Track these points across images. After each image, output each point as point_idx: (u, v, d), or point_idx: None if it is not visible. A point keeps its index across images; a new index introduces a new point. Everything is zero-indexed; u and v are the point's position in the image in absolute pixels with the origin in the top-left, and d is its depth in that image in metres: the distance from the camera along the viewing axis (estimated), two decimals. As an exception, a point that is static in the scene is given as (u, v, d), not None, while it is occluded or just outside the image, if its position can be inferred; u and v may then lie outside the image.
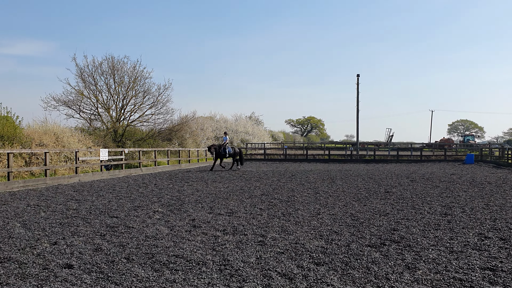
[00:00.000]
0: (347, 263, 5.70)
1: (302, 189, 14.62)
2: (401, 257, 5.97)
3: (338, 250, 6.35)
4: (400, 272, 5.30)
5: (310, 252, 6.25)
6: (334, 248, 6.50)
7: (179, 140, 36.06)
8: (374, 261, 5.77)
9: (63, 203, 11.10)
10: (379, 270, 5.39)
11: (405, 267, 5.53)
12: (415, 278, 5.06)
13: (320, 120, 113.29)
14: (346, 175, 20.87)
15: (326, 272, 5.32)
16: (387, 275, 5.19)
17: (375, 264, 5.63)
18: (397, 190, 14.37)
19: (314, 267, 5.53)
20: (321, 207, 10.56)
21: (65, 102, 31.15)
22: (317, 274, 5.21)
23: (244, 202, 11.37)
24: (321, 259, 5.86)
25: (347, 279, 5.07)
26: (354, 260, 5.84)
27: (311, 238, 7.14)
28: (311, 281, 4.99)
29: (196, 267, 5.52)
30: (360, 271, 5.37)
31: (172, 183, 16.82)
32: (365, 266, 5.57)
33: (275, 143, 62.47)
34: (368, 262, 5.72)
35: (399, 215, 9.37)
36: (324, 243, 6.82)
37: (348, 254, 6.15)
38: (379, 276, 5.16)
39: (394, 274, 5.24)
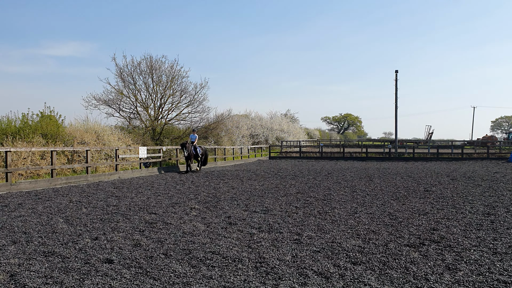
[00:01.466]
0: (385, 262, 5.60)
1: (338, 187, 14.46)
2: (441, 258, 5.81)
3: (376, 250, 6.25)
4: (440, 273, 5.16)
5: (347, 251, 6.18)
6: (372, 247, 6.40)
7: (214, 138, 36.42)
8: (413, 261, 5.64)
9: (103, 199, 11.43)
10: (418, 270, 5.27)
11: (446, 267, 5.38)
12: (456, 280, 4.92)
13: (357, 117, 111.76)
14: (384, 173, 20.49)
15: (363, 271, 5.24)
16: (426, 275, 5.07)
17: (414, 264, 5.51)
18: (437, 188, 13.99)
19: (351, 266, 5.46)
20: (358, 205, 10.42)
21: (105, 101, 32.03)
22: (354, 274, 5.15)
23: (279, 200, 11.36)
24: (358, 259, 5.78)
25: (384, 279, 4.98)
26: (392, 260, 5.73)
27: (348, 237, 7.05)
28: (348, 280, 4.93)
29: (232, 264, 5.56)
30: (398, 271, 5.26)
31: (208, 180, 17.01)
32: (404, 266, 5.45)
33: (311, 141, 62.11)
34: (407, 262, 5.60)
35: (439, 215, 9.12)
36: (361, 242, 6.73)
37: (386, 253, 6.04)
38: (418, 276, 5.05)
39: (434, 274, 5.10)
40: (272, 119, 56.78)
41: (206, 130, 35.57)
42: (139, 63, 32.74)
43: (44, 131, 20.56)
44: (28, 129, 20.09)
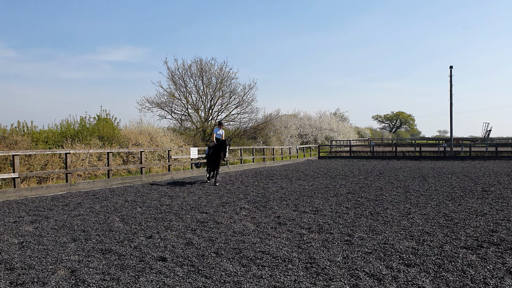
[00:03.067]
0: (440, 265, 5.41)
1: (391, 187, 14.11)
2: (501, 261, 5.54)
3: (430, 252, 6.05)
4: (501, 277, 4.92)
5: (400, 253, 6.02)
6: (426, 249, 6.20)
7: (263, 138, 36.60)
8: (470, 264, 5.42)
9: (157, 199, 11.77)
10: (476, 273, 5.05)
11: (506, 271, 5.12)
12: (518, 284, 4.67)
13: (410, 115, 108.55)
14: (439, 173, 19.77)
15: (417, 274, 5.09)
16: (485, 279, 4.85)
17: (471, 267, 5.29)
18: (496, 188, 13.33)
19: (404, 268, 5.32)
20: (411, 206, 10.12)
21: (158, 104, 33.00)
22: (407, 276, 5.01)
23: (329, 200, 11.24)
24: (411, 261, 5.63)
25: (440, 282, 4.81)
26: (447, 262, 5.53)
27: (400, 239, 6.87)
28: (401, 282, 4.81)
29: (282, 264, 5.57)
30: (455, 274, 5.07)
31: (257, 180, 17.11)
32: (460, 269, 5.24)
33: (362, 140, 60.99)
34: (464, 265, 5.39)
35: (499, 216, 8.69)
36: (415, 244, 6.54)
37: (441, 256, 5.83)
38: (476, 280, 4.84)
39: (494, 278, 4.88)
40: (321, 119, 56.30)
41: (254, 131, 35.81)
42: (189, 66, 33.51)
43: (101, 134, 21.47)
44: (86, 132, 21.05)
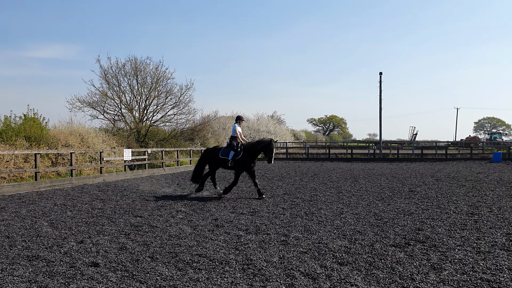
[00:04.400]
0: (371, 263, 5.64)
1: (324, 188, 14.53)
2: (426, 257, 5.87)
3: (362, 250, 6.29)
4: (426, 273, 5.21)
5: (334, 251, 6.21)
6: (358, 247, 6.44)
7: (201, 140, 36.32)
8: (399, 261, 5.69)
9: (88, 202, 11.30)
10: (404, 270, 5.32)
11: (431, 267, 5.44)
12: (441, 279, 4.97)
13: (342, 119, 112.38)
14: (369, 174, 20.64)
15: (349, 272, 5.27)
16: (412, 275, 5.12)
17: (399, 264, 5.56)
18: (422, 189, 14.14)
19: (338, 267, 5.49)
20: (344, 206, 10.48)
21: (89, 103, 31.71)
22: (340, 274, 5.17)
23: (266, 201, 11.37)
24: (344, 259, 5.82)
25: (371, 279, 5.01)
26: (378, 260, 5.77)
27: (334, 238, 7.09)
28: (335, 281, 4.96)
29: (219, 266, 5.54)
30: (385, 271, 5.30)
31: (194, 182, 16.92)
32: (390, 266, 5.50)
33: (297, 142, 62.28)
34: (393, 262, 5.65)
35: (424, 215, 9.22)
36: (348, 242, 6.77)
37: (372, 254, 6.08)
38: (404, 276, 5.09)
39: (420, 274, 5.16)
40: (258, 121, 56.86)
41: (192, 132, 35.43)
42: (123, 65, 32.51)
43: (28, 134, 20.26)
44: (11, 132, 19.79)
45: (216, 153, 12.94)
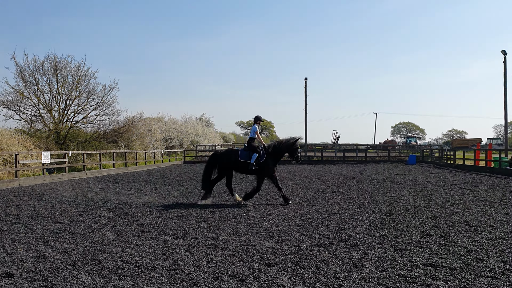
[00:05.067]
0: (297, 263, 5.78)
1: (252, 190, 14.64)
2: (349, 256, 6.12)
3: (288, 251, 6.42)
4: (348, 271, 5.44)
5: (261, 253, 6.29)
6: (285, 248, 6.57)
7: (125, 142, 35.16)
8: (323, 261, 5.89)
9: (2, 208, 10.52)
10: (328, 269, 5.51)
11: (353, 265, 5.68)
12: (362, 276, 5.21)
13: (270, 122, 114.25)
14: (295, 176, 21.18)
15: (276, 272, 5.36)
16: (335, 274, 5.31)
17: (324, 264, 5.75)
18: (344, 190, 14.75)
19: (265, 268, 5.56)
20: (271, 208, 10.65)
21: (3, 102, 29.60)
22: (268, 275, 5.25)
23: (194, 205, 11.26)
24: (271, 260, 5.91)
25: (297, 279, 5.13)
26: (303, 260, 5.93)
27: (262, 239, 7.18)
28: (262, 282, 5.02)
29: (145, 272, 5.40)
30: (310, 270, 5.46)
31: (118, 186, 16.37)
32: (315, 265, 5.67)
33: (226, 145, 62.36)
34: (318, 262, 5.83)
35: (346, 215, 9.62)
36: (275, 244, 6.88)
37: (298, 254, 6.24)
38: (328, 275, 5.27)
39: (343, 272, 5.37)
40: (186, 123, 56.19)
41: (116, 134, 34.25)
42: (42, 63, 30.73)
43: None
44: None
45: (233, 157, 11.71)
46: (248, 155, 11.58)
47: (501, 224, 8.48)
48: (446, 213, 9.80)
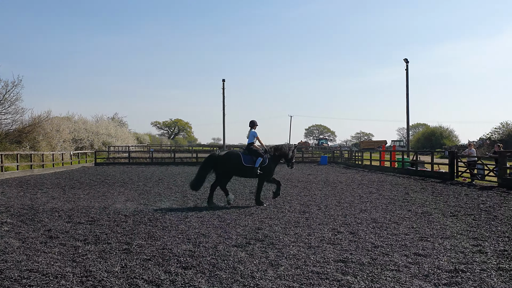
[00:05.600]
0: (214, 264, 5.79)
1: (169, 193, 14.43)
2: (265, 255, 6.25)
3: (206, 253, 6.41)
4: (265, 270, 5.55)
5: (178, 256, 6.21)
6: (202, 250, 6.55)
7: (31, 143, 32.83)
8: (240, 261, 5.95)
9: None
10: (245, 269, 5.58)
11: (269, 264, 5.81)
12: (278, 275, 5.35)
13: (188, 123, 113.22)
14: (213, 178, 21.11)
15: (193, 275, 5.33)
16: (252, 273, 5.40)
17: (241, 264, 5.81)
18: (261, 191, 15.00)
19: (182, 271, 5.50)
20: (189, 210, 10.55)
21: None
22: (184, 278, 5.20)
23: (107, 209, 10.82)
24: (188, 263, 5.86)
25: (214, 280, 5.14)
26: (221, 261, 5.95)
27: (178, 243, 7.09)
28: (179, 285, 4.96)
29: (54, 280, 5.09)
30: (227, 271, 5.49)
31: (23, 190, 15.25)
32: (232, 266, 5.71)
33: (141, 146, 60.68)
34: (235, 262, 5.88)
35: (263, 215, 9.81)
36: (192, 246, 6.83)
37: (216, 255, 6.25)
38: (245, 275, 5.34)
39: (259, 272, 5.47)
40: (98, 123, 53.83)
41: (19, 134, 31.90)
42: None
43: None
44: None
45: (236, 161, 11.56)
46: (252, 160, 11.60)
47: (404, 220, 9.15)
48: (355, 211, 10.37)
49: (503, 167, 16.60)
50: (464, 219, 9.28)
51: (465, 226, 8.42)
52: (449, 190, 15.14)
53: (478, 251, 6.45)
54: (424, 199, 12.62)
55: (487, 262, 5.84)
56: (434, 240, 7.24)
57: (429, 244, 6.91)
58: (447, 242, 7.05)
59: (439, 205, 11.35)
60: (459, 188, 15.89)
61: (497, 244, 6.89)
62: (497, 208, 10.75)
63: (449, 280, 5.10)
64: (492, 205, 11.37)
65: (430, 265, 5.74)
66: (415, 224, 8.71)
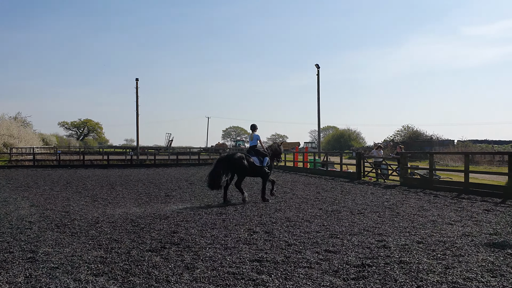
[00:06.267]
0: (128, 270, 5.62)
1: (79, 197, 13.72)
2: (181, 259, 6.19)
3: (118, 258, 6.20)
4: (180, 273, 5.49)
5: (88, 263, 5.93)
6: (114, 256, 6.32)
7: None
8: (155, 265, 5.84)
9: None
10: (160, 273, 5.48)
11: (185, 267, 5.76)
12: (194, 277, 5.32)
13: (98, 123, 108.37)
14: (126, 181, 20.48)
15: (105, 282, 5.13)
16: (167, 277, 5.32)
17: (156, 268, 5.70)
18: (177, 193, 14.83)
19: (93, 278, 5.27)
20: (99, 215, 10.11)
21: None
22: (96, 286, 4.99)
23: (9, 215, 10.03)
24: (100, 270, 5.62)
25: (127, 286, 4.99)
26: (134, 266, 5.79)
27: (89, 249, 6.77)
28: (90, 294, 4.74)
29: None
30: (141, 277, 5.36)
31: None
32: (146, 271, 5.58)
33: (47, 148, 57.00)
34: (149, 267, 5.75)
35: (179, 218, 9.69)
36: (104, 252, 6.56)
37: (129, 261, 6.06)
38: (160, 279, 5.25)
39: (175, 275, 5.40)
40: (-2, 123, 49.64)
41: None
42: None
43: None
44: None
45: (248, 161, 12.55)
46: (259, 160, 12.86)
47: (316, 218, 9.55)
48: (270, 211, 10.62)
49: (404, 167, 17.95)
50: (370, 216, 9.90)
51: (371, 223, 8.99)
52: (357, 189, 16.06)
53: (382, 246, 6.92)
54: (334, 198, 13.27)
55: (391, 256, 6.29)
56: (343, 236, 7.65)
57: (339, 241, 7.29)
58: (355, 239, 7.48)
59: (348, 203, 12.00)
60: (366, 187, 16.92)
61: (399, 239, 7.44)
62: (399, 205, 11.60)
63: (357, 275, 5.42)
64: (395, 202, 12.25)
65: (340, 261, 6.06)
66: (326, 222, 9.14)
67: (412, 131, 62.01)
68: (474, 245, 6.94)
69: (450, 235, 7.73)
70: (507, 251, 6.51)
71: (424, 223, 8.97)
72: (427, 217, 9.71)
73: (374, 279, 5.24)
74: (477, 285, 4.97)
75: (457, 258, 6.14)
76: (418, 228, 8.43)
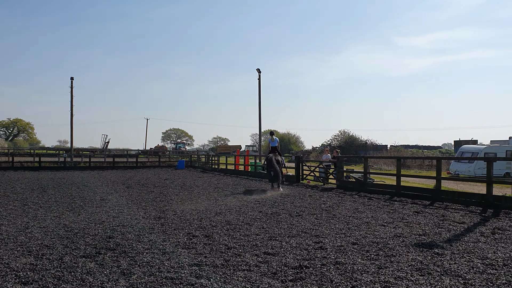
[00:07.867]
0: (60, 277, 5.37)
1: (7, 201, 12.93)
2: (116, 264, 6.00)
3: (50, 265, 5.91)
4: (116, 279, 5.33)
5: (16, 271, 5.61)
6: (45, 263, 6.02)
7: None
8: (89, 272, 5.62)
9: None
10: (94, 280, 5.29)
11: (121, 273, 5.60)
12: (130, 283, 5.18)
13: (29, 124, 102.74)
14: (59, 184, 19.57)
15: (35, 291, 4.87)
16: (102, 284, 5.14)
17: (90, 275, 5.50)
18: (113, 197, 14.38)
19: (21, 287, 4.99)
20: (30, 220, 9.59)
21: None
22: (24, 295, 4.72)
23: None
24: (29, 277, 5.34)
25: (59, 295, 4.77)
26: (67, 273, 5.54)
27: (17, 256, 6.40)
28: (17, 304, 4.48)
29: None
30: (74, 284, 5.14)
31: None
32: (80, 278, 5.37)
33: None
34: (83, 274, 5.54)
35: (115, 222, 9.40)
36: (34, 259, 6.23)
37: (61, 268, 5.80)
38: (94, 286, 5.07)
39: (110, 282, 5.23)
40: None
41: None
42: None
43: None
44: None
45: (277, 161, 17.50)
46: (282, 159, 18.31)
47: (255, 221, 9.63)
48: (210, 214, 10.57)
49: (340, 170, 18.55)
50: (308, 218, 10.14)
51: (308, 225, 9.20)
52: (296, 192, 16.38)
53: (319, 248, 7.10)
54: (274, 201, 13.45)
55: (327, 258, 6.47)
56: (282, 239, 7.77)
57: (277, 243, 7.39)
58: (293, 241, 7.62)
59: (287, 206, 12.21)
60: (304, 190, 17.30)
61: (335, 241, 7.67)
62: (335, 208, 11.96)
63: (295, 276, 5.52)
64: (331, 205, 12.62)
65: (278, 263, 6.15)
66: (265, 224, 9.24)
67: (348, 136, 64.26)
68: (405, 245, 7.31)
69: (383, 236, 8.08)
70: (434, 250, 6.91)
71: (358, 224, 9.31)
72: (362, 219, 10.09)
73: (311, 280, 5.37)
74: (407, 284, 5.23)
75: (389, 258, 6.43)
76: (353, 229, 8.74)
